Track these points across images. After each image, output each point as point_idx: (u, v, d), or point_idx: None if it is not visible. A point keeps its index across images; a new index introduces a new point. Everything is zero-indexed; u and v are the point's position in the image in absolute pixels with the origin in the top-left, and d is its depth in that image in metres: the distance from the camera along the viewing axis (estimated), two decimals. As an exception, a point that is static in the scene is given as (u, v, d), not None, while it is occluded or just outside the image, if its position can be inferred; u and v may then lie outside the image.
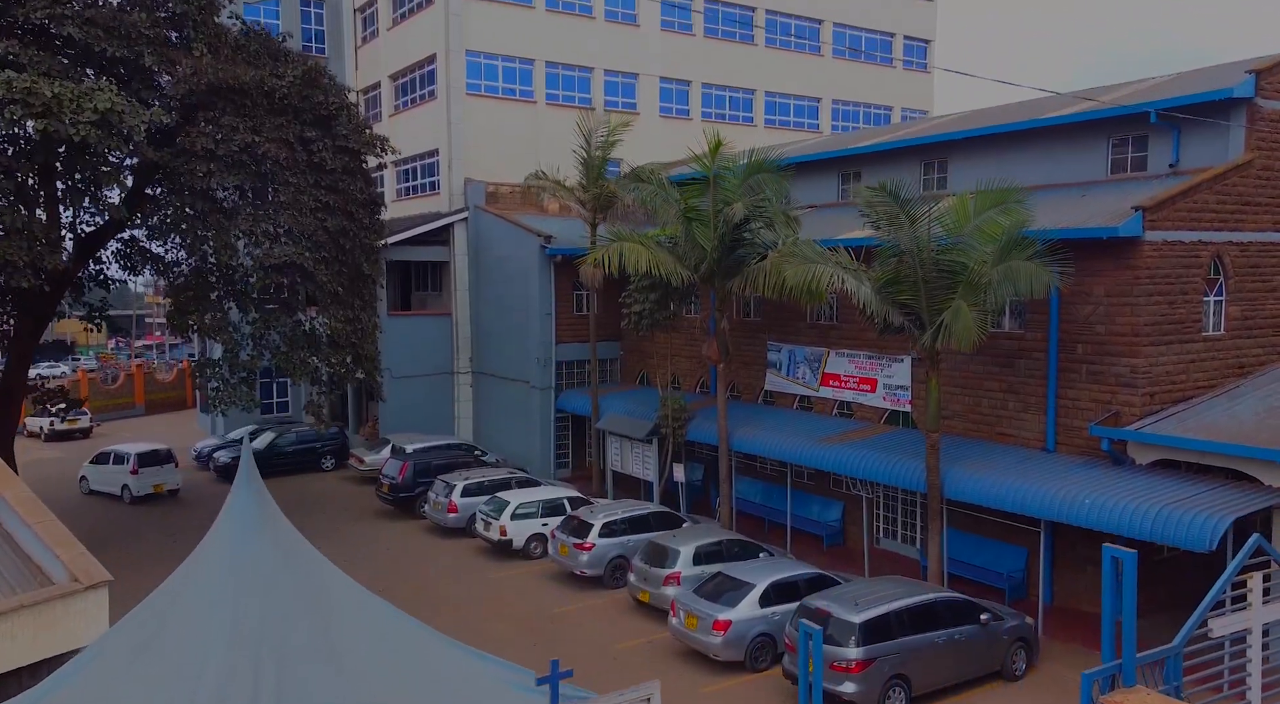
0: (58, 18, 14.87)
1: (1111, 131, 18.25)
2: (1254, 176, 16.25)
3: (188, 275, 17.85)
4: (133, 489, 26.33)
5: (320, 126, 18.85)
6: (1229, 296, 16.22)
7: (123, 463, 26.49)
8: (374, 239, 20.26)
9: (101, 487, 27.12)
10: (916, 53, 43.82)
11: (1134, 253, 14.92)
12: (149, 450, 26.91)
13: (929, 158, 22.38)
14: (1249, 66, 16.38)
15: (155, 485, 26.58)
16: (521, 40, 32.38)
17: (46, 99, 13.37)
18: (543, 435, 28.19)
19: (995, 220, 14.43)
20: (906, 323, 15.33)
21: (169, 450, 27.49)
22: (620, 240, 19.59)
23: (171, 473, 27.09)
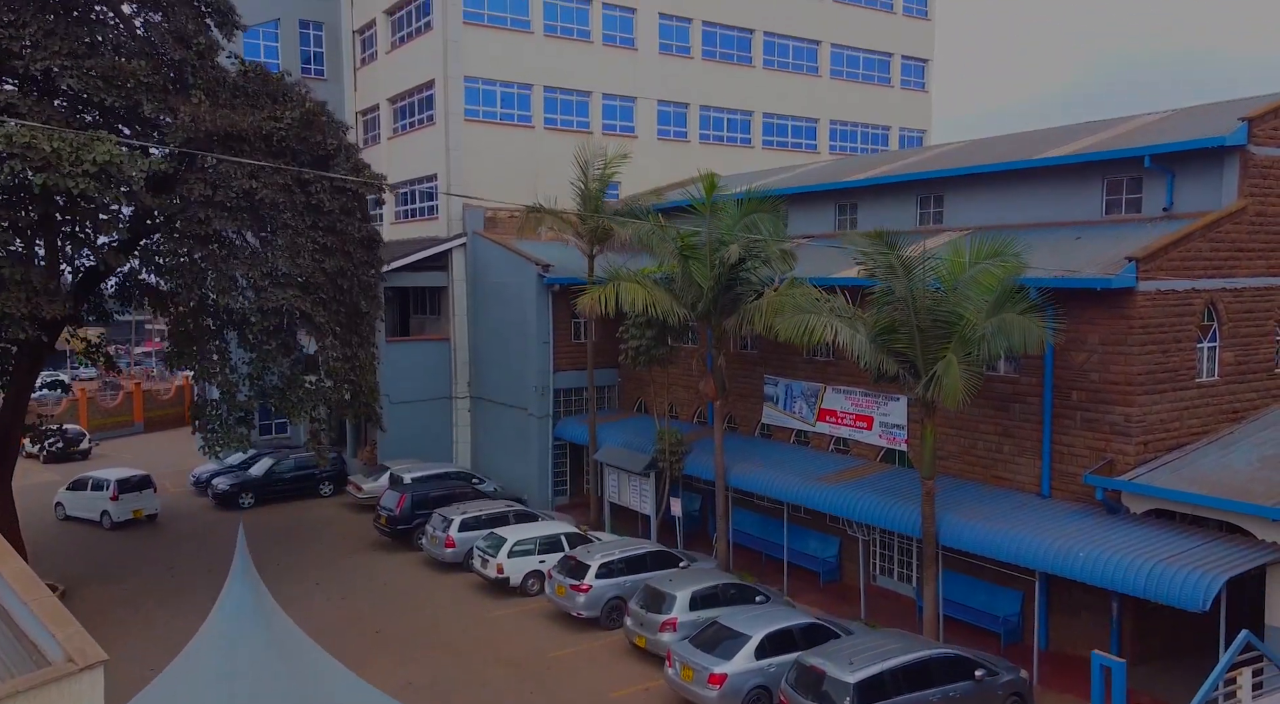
0: (58, 69, 14.97)
1: (1106, 172, 18.33)
2: (1247, 223, 16.32)
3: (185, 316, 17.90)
4: (113, 515, 26.67)
5: (318, 167, 18.93)
6: (1223, 342, 16.29)
7: (101, 489, 26.78)
8: (372, 276, 20.30)
9: (79, 512, 27.36)
10: (914, 72, 43.94)
11: (1128, 303, 14.99)
12: (128, 477, 27.22)
13: (925, 193, 22.46)
14: (1242, 113, 16.47)
15: (135, 511, 27.01)
16: (520, 65, 32.48)
17: (46, 154, 13.44)
18: (540, 463, 28.23)
19: (990, 271, 14.50)
20: (901, 371, 15.39)
21: (147, 476, 27.87)
22: (617, 279, 19.65)
23: (150, 498, 27.49)
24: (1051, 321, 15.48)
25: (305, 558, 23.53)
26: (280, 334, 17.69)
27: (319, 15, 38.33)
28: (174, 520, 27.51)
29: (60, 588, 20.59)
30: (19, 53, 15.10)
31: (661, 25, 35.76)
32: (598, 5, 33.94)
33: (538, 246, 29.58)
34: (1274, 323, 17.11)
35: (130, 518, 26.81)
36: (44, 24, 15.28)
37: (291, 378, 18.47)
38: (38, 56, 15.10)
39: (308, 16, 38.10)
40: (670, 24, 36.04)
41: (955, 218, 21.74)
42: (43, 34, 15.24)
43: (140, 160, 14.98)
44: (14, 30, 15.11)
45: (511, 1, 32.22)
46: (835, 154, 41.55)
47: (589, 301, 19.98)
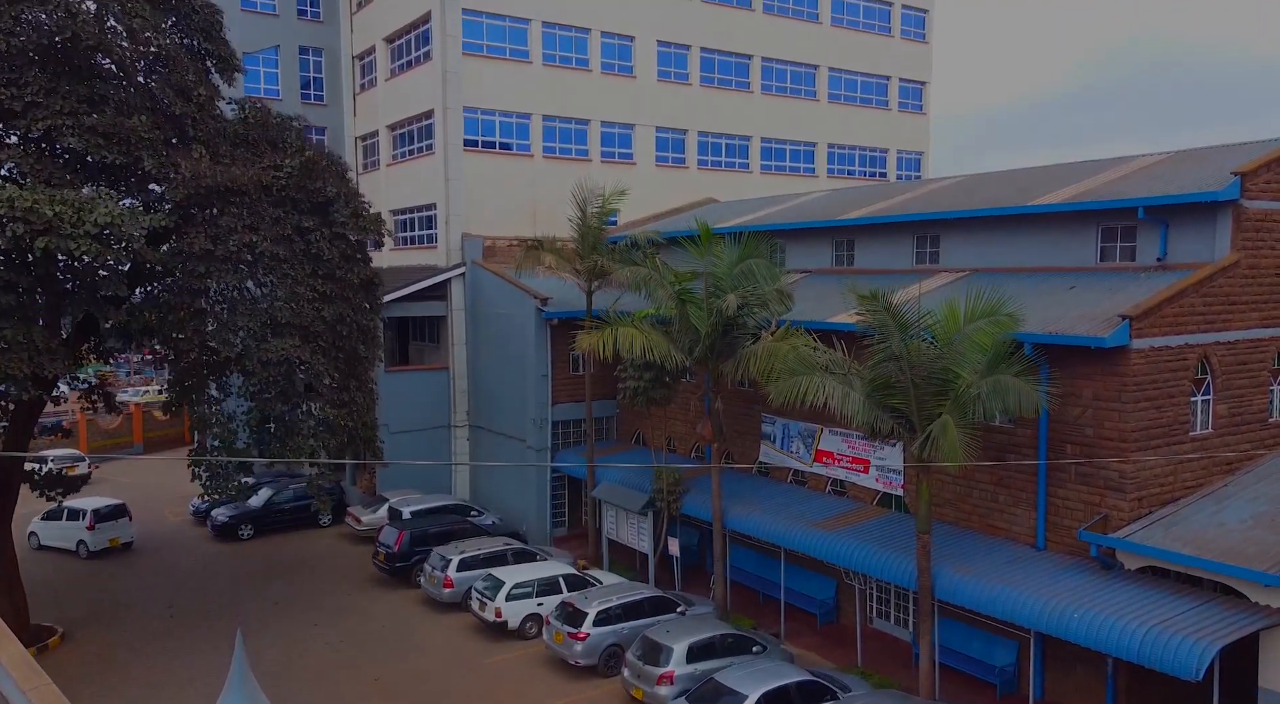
0: (59, 129, 15.08)
1: (1101, 220, 18.44)
2: (1240, 276, 16.43)
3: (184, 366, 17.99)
4: (89, 544, 27.02)
5: (318, 213, 19.03)
6: (1216, 395, 16.39)
7: (78, 519, 27.08)
8: (371, 320, 20.39)
9: (54, 542, 27.63)
10: (912, 94, 44.13)
11: (1121, 360, 15.09)
12: (104, 506, 27.52)
13: (922, 232, 22.57)
14: (1237, 162, 16.59)
15: (111, 540, 27.39)
16: (519, 95, 32.62)
17: (48, 218, 13.54)
18: (539, 495, 28.30)
19: (984, 330, 14.59)
20: (897, 427, 15.48)
21: (122, 505, 28.23)
22: (615, 324, 19.76)
23: (126, 527, 27.88)
24: (1046, 381, 15.59)
25: (304, 595, 23.58)
26: (279, 383, 17.77)
27: (319, 41, 38.51)
28: (174, 553, 27.57)
29: (59, 630, 20.66)
30: (20, 112, 15.22)
31: (660, 53, 35.93)
32: (596, 35, 34.11)
33: (536, 279, 29.71)
34: (1267, 373, 17.21)
35: (107, 546, 27.31)
36: (45, 82, 15.41)
37: (290, 425, 18.56)
38: (39, 115, 15.21)
39: (307, 43, 38.27)
40: (668, 51, 36.21)
41: (951, 258, 21.85)
42: (44, 92, 15.37)
43: (140, 217, 15.08)
44: (16, 89, 15.24)
45: (511, 32, 32.38)
46: (834, 178, 41.72)
47: (587, 346, 20.06)
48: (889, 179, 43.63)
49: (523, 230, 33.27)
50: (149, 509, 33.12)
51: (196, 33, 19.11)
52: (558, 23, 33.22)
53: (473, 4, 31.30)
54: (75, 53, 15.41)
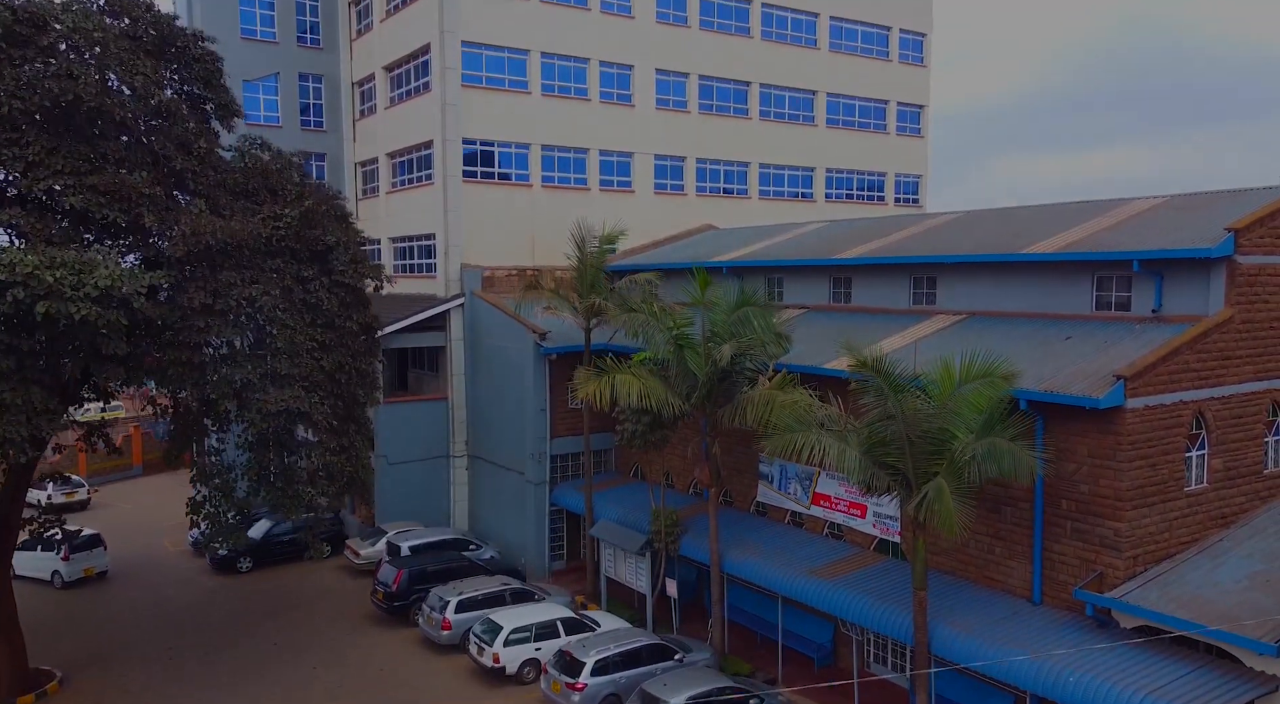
0: (60, 188, 15.18)
1: (1096, 270, 18.54)
2: (1234, 332, 16.52)
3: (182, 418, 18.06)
4: (64, 575, 27.31)
5: (318, 261, 19.13)
6: (1211, 450, 16.46)
7: (52, 550, 27.31)
8: (370, 364, 20.47)
9: (29, 572, 27.75)
10: (910, 118, 44.29)
11: (1117, 419, 15.16)
12: (80, 537, 27.51)
13: (918, 273, 22.67)
14: (1228, 222, 16.68)
15: (85, 569, 27.75)
16: (518, 125, 32.73)
17: (49, 284, 13.63)
18: (538, 529, 28.34)
19: (980, 391, 14.66)
20: (893, 484, 15.54)
21: (96, 535, 28.59)
22: (612, 371, 19.84)
23: (100, 556, 28.30)
24: (1041, 436, 15.67)
25: (303, 634, 23.61)
26: (279, 433, 17.83)
27: (318, 68, 38.62)
28: (173, 587, 27.57)
29: (57, 675, 20.68)
30: (23, 171, 15.31)
31: (658, 81, 36.07)
32: (595, 64, 34.25)
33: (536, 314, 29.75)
34: (1262, 425, 17.29)
35: (81, 576, 27.64)
36: (47, 141, 15.51)
37: (288, 474, 18.61)
38: (41, 174, 15.31)
39: (307, 69, 38.38)
40: (667, 79, 36.35)
41: (948, 300, 21.95)
42: (46, 151, 15.47)
43: (141, 276, 15.15)
44: (18, 148, 15.34)
45: (510, 63, 32.51)
46: (832, 203, 41.85)
47: (585, 395, 20.13)
48: (887, 203, 43.79)
49: (522, 260, 33.42)
50: (148, 539, 33.20)
51: (196, 81, 19.24)
52: (556, 53, 33.36)
53: (472, 36, 31.44)
54: (77, 113, 15.51)
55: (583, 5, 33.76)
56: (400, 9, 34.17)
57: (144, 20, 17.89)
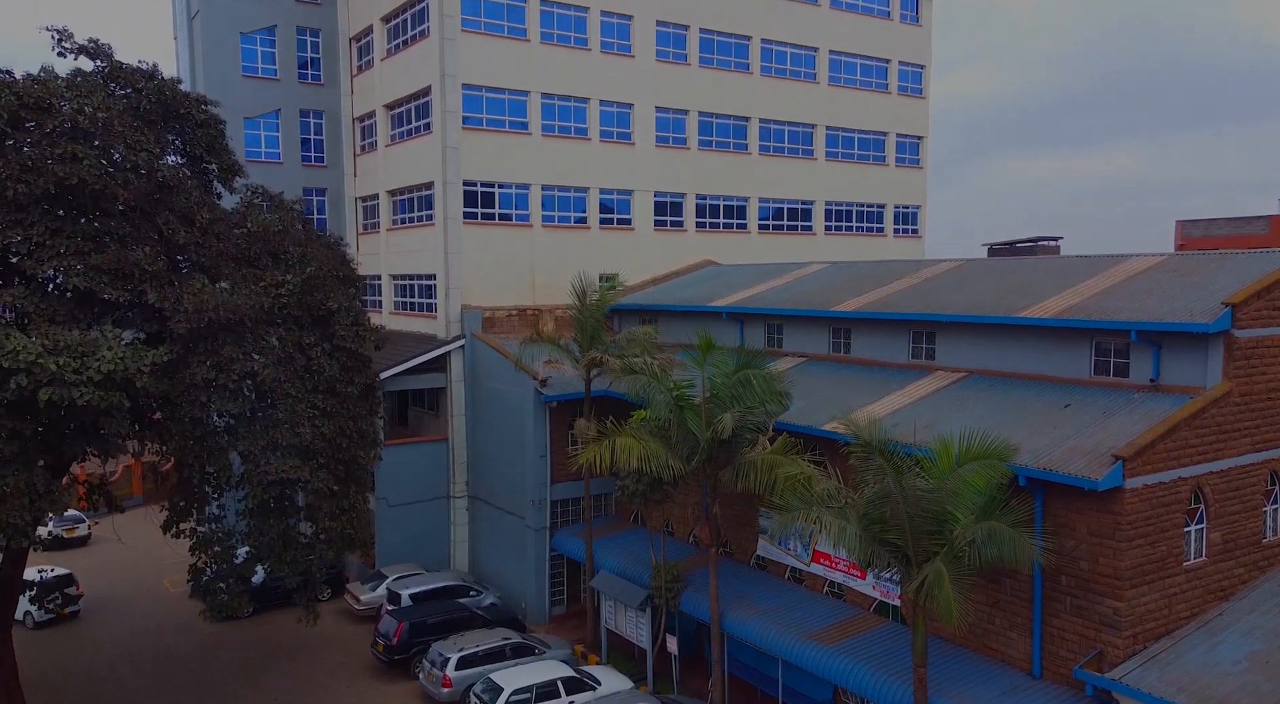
0: (64, 270, 15.26)
1: (1095, 336, 18.62)
2: (1232, 405, 16.58)
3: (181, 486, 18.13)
4: (35, 616, 27.40)
5: (319, 326, 19.20)
6: (1210, 524, 16.51)
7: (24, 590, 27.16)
8: (370, 425, 20.51)
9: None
10: (909, 149, 44.47)
11: (1116, 499, 15.20)
12: (52, 577, 27.83)
13: (918, 328, 22.75)
14: (1226, 296, 16.76)
15: (58, 610, 27.85)
16: (518, 166, 32.85)
17: (52, 372, 13.69)
18: (538, 574, 28.36)
19: (978, 472, 14.71)
20: (893, 561, 15.59)
21: (69, 574, 28.77)
22: (612, 435, 19.90)
23: (73, 597, 28.41)
24: (1040, 523, 15.73)
25: (303, 689, 23.60)
26: (279, 501, 17.87)
27: (319, 104, 38.76)
28: (172, 634, 27.52)
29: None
30: (26, 253, 15.39)
31: (658, 118, 36.22)
32: (595, 104, 34.39)
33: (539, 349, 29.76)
34: (1260, 496, 17.35)
35: (55, 617, 27.79)
36: (51, 222, 15.59)
37: (286, 539, 18.66)
38: (44, 256, 15.40)
39: (308, 106, 38.53)
40: (667, 117, 36.50)
41: (947, 357, 22.02)
42: (50, 232, 15.55)
43: (144, 354, 15.22)
44: (22, 230, 15.42)
45: (510, 105, 32.66)
46: (831, 234, 41.98)
47: (586, 460, 20.19)
48: (886, 234, 43.93)
49: (522, 299, 33.52)
50: (147, 578, 33.17)
51: (199, 146, 19.34)
52: (556, 93, 33.50)
53: (473, 79, 31.59)
54: (81, 194, 15.60)
55: (583, 46, 33.93)
56: (401, 49, 34.32)
57: (147, 89, 18.00)
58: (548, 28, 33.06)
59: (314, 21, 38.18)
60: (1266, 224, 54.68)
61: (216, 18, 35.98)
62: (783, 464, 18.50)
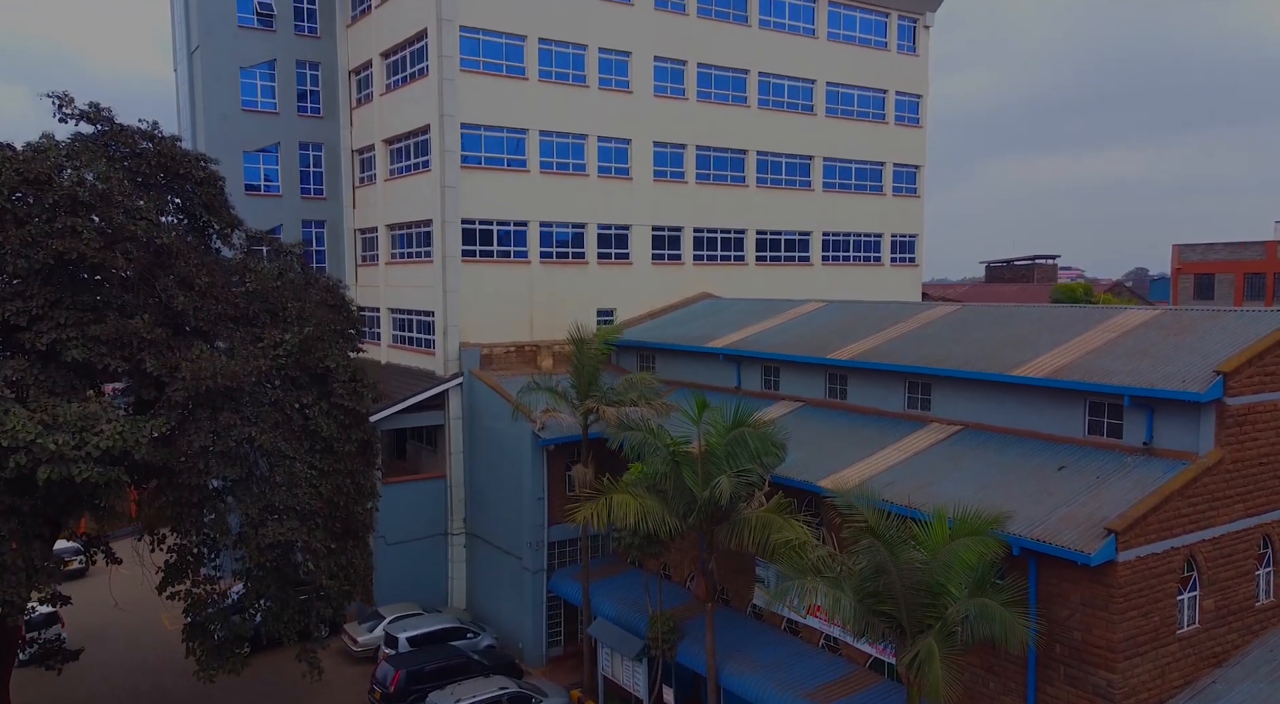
0: (63, 342, 15.36)
1: (1088, 397, 18.73)
2: (1224, 473, 16.68)
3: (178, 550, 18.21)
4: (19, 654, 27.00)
5: (316, 384, 19.29)
6: (1203, 591, 16.60)
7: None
8: (369, 479, 20.60)
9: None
10: (906, 178, 44.66)
11: (1109, 571, 15.28)
12: (36, 615, 27.64)
13: (914, 379, 22.86)
14: (1217, 363, 16.88)
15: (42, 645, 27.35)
16: (516, 203, 33.00)
17: (51, 452, 13.78)
18: (535, 616, 28.41)
19: (971, 548, 14.80)
20: (888, 631, 15.66)
21: (54, 612, 28.44)
22: (609, 493, 19.99)
23: (57, 633, 28.11)
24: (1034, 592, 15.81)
25: (300, 736, 23.63)
26: (276, 564, 17.94)
27: (318, 137, 38.94)
28: (168, 676, 27.50)
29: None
30: (26, 325, 15.50)
31: (656, 152, 36.38)
32: (593, 140, 34.55)
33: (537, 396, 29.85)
34: (1253, 561, 17.44)
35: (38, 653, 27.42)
36: (50, 294, 15.70)
37: (284, 600, 18.71)
38: (44, 327, 15.50)
39: (307, 138, 38.71)
40: (664, 151, 36.67)
41: (942, 409, 22.12)
42: (49, 304, 15.66)
43: (143, 426, 15.31)
44: (21, 302, 15.52)
45: (508, 142, 32.82)
46: (828, 265, 42.12)
47: (583, 519, 20.27)
48: (884, 263, 44.08)
49: (520, 335, 33.62)
50: (145, 615, 33.13)
51: (198, 206, 19.47)
52: (555, 131, 33.67)
53: (472, 118, 31.74)
54: (80, 267, 15.71)
55: (581, 83, 34.11)
56: (400, 86, 34.50)
57: (148, 154, 18.13)
58: (546, 66, 33.25)
59: (313, 55, 38.36)
60: (1262, 249, 54.95)
61: (216, 53, 36.17)
62: (777, 525, 18.59)
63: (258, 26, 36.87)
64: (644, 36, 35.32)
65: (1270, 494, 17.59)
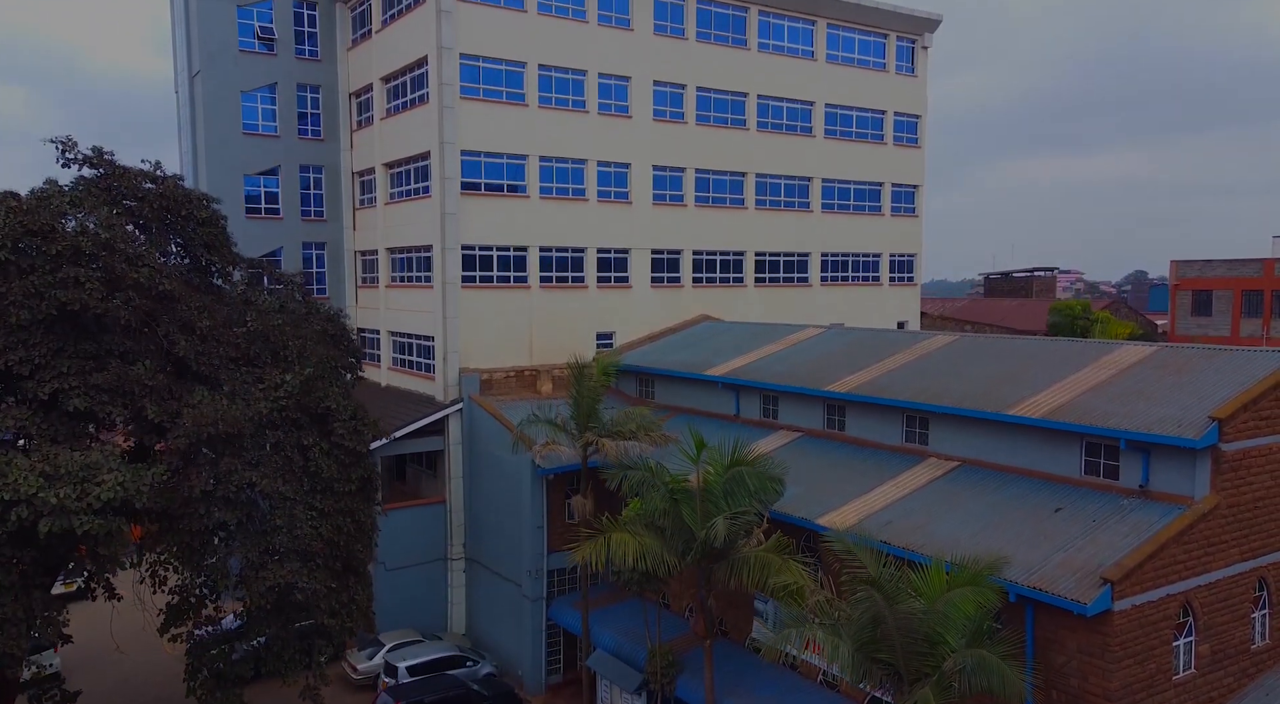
0: (65, 392, 15.46)
1: (1085, 438, 18.83)
2: (1219, 518, 16.77)
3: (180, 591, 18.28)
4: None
5: (317, 424, 19.38)
6: (1199, 636, 16.68)
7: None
8: (369, 517, 20.68)
9: None
10: (905, 197, 44.82)
11: (1104, 620, 15.37)
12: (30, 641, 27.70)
13: (911, 414, 22.95)
14: (1212, 408, 16.98)
15: (33, 673, 27.66)
16: (516, 229, 33.11)
17: (53, 505, 13.87)
18: (534, 644, 28.45)
19: (968, 598, 14.87)
20: (886, 678, 15.73)
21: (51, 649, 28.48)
22: (608, 533, 20.06)
23: (50, 655, 28.36)
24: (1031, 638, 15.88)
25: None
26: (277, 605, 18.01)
27: (319, 159, 39.04)
28: None
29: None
30: (28, 375, 15.60)
31: (655, 176, 36.52)
32: (593, 165, 34.68)
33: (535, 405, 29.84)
34: (1248, 604, 17.52)
35: (29, 678, 27.30)
36: (53, 343, 15.80)
37: (285, 640, 18.78)
38: (45, 377, 15.60)
39: (308, 161, 38.80)
40: (664, 174, 36.81)
41: (940, 444, 22.22)
42: (52, 353, 15.76)
43: (144, 473, 15.39)
44: (24, 351, 15.62)
45: (508, 168, 32.95)
46: (827, 285, 42.23)
47: (581, 558, 20.34)
48: (882, 283, 44.20)
49: (520, 359, 33.72)
50: (145, 640, 33.09)
51: (200, 247, 19.58)
52: (554, 156, 33.80)
53: (470, 145, 31.87)
54: (83, 317, 15.81)
55: (580, 108, 34.25)
56: (401, 112, 34.63)
57: (150, 196, 18.24)
58: (545, 92, 33.39)
59: (314, 78, 38.50)
60: (1260, 267, 55.08)
61: (218, 78, 36.31)
62: (776, 565, 18.66)
63: (259, 51, 37.01)
64: (643, 61, 35.48)
65: (1266, 537, 17.69)
